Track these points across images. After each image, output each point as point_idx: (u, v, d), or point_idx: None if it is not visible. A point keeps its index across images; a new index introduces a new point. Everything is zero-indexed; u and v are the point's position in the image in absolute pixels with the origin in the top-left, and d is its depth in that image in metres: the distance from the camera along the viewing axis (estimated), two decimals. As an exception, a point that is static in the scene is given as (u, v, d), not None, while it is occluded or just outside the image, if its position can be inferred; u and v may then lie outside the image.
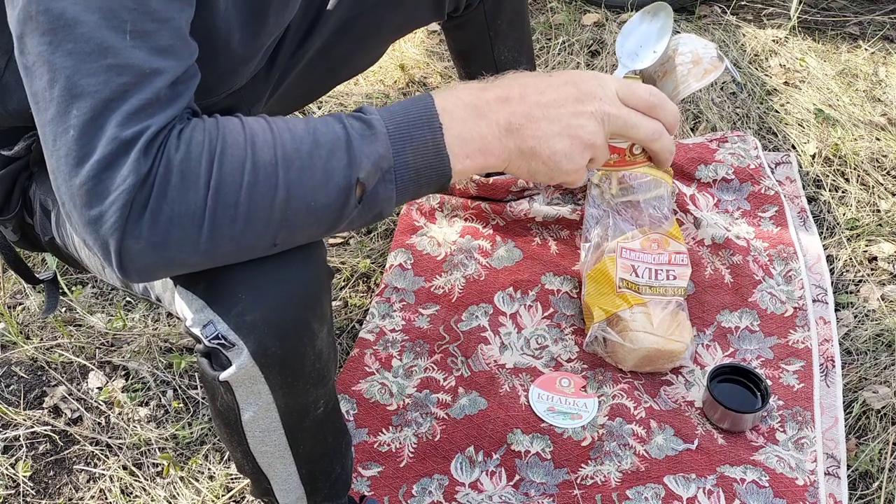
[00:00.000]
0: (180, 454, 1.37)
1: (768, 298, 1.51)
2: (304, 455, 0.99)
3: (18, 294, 1.65)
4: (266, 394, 0.87)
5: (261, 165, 0.72)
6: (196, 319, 0.83)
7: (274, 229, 0.75)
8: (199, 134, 0.72)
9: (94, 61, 0.68)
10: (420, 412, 1.37)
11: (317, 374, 0.90)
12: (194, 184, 0.71)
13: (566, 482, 1.27)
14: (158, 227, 0.71)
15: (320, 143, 0.75)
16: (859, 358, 1.44)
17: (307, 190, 0.74)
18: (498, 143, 0.81)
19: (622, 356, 1.39)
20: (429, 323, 1.51)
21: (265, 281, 0.80)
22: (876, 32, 2.19)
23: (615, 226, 1.48)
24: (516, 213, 1.64)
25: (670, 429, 1.32)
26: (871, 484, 1.27)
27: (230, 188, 0.71)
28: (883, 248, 1.62)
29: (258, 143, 0.73)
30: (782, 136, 1.88)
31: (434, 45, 2.23)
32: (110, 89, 0.69)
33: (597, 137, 0.83)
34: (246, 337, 0.81)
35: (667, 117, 0.87)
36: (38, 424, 1.41)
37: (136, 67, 0.69)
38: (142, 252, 0.72)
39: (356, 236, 1.73)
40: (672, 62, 0.99)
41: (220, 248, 0.74)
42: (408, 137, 0.78)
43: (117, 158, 0.69)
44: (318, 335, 0.86)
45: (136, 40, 0.69)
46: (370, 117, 0.78)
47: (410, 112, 0.79)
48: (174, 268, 0.76)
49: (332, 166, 0.74)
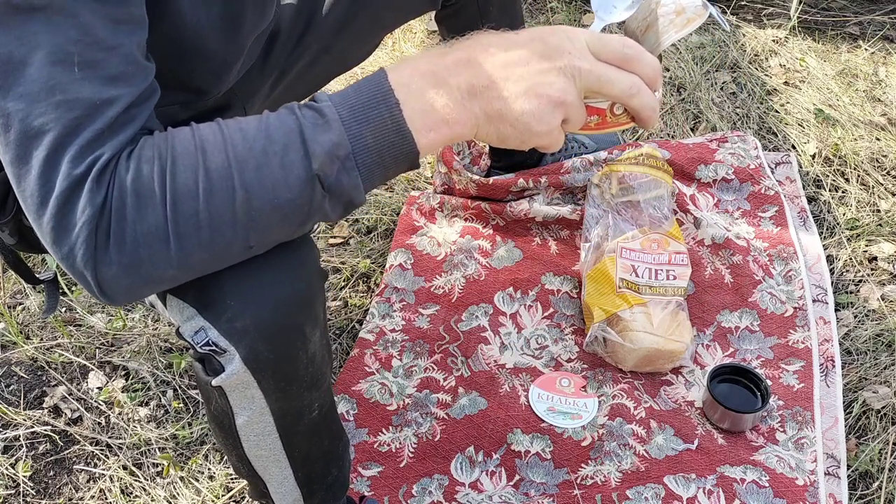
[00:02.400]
0: (180, 454, 1.37)
1: (768, 298, 1.51)
2: (299, 458, 0.98)
3: (18, 294, 1.65)
4: (259, 398, 0.87)
5: (214, 170, 0.71)
6: (187, 326, 0.82)
7: (242, 231, 0.74)
8: (147, 150, 0.71)
9: (45, 100, 0.68)
10: (420, 412, 1.37)
11: (310, 377, 0.89)
12: (150, 199, 0.70)
13: (566, 482, 1.27)
14: (125, 249, 0.71)
15: (274, 139, 0.73)
16: (859, 358, 1.44)
17: (266, 188, 0.72)
18: (462, 109, 0.76)
19: (622, 356, 1.39)
20: (429, 323, 1.51)
21: (254, 286, 0.79)
22: (876, 32, 2.18)
23: (615, 226, 1.48)
24: (516, 213, 1.64)
25: (670, 429, 1.32)
26: (871, 484, 1.27)
27: (187, 197, 0.71)
28: (883, 248, 1.62)
29: (209, 149, 0.72)
30: (782, 136, 1.88)
31: (434, 44, 2.23)
32: (62, 125, 0.69)
33: (567, 94, 0.76)
34: (237, 343, 0.80)
35: (644, 70, 0.79)
36: (38, 424, 1.41)
37: (86, 100, 0.69)
38: (117, 276, 0.72)
39: (356, 236, 1.73)
40: (654, 14, 0.92)
41: (192, 258, 0.73)
42: (363, 119, 0.74)
43: (73, 194, 0.69)
44: (310, 339, 0.85)
45: (85, 71, 0.69)
46: (321, 105, 0.75)
47: (363, 92, 0.75)
48: (154, 285, 0.75)
49: (288, 160, 0.72)
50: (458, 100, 0.76)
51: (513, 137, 0.78)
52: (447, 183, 1.71)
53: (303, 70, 1.28)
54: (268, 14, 1.04)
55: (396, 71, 0.76)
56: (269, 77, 1.24)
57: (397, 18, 1.37)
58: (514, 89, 0.76)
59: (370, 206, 1.77)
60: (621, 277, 1.40)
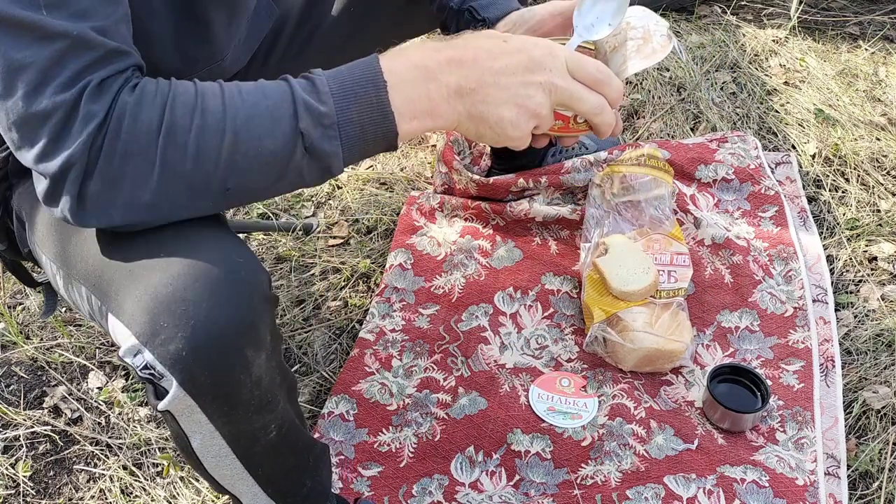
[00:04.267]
0: (180, 454, 1.37)
1: (768, 298, 1.51)
2: (265, 476, 0.96)
3: (18, 294, 1.65)
4: (206, 423, 0.84)
5: (209, 111, 0.77)
6: (126, 349, 0.79)
7: (223, 171, 0.78)
8: (151, 85, 0.77)
9: (23, 37, 0.72)
10: (420, 412, 1.37)
11: (258, 401, 0.86)
12: (147, 125, 0.75)
13: (566, 482, 1.27)
14: (113, 163, 0.75)
15: (267, 95, 0.79)
16: (859, 358, 1.44)
17: (253, 135, 0.77)
18: (447, 105, 0.83)
19: (622, 356, 1.39)
20: (429, 323, 1.51)
21: (189, 309, 0.76)
22: (876, 32, 2.19)
23: (615, 226, 1.48)
24: (516, 213, 1.64)
25: (670, 429, 1.32)
26: (871, 484, 1.27)
27: (180, 129, 0.75)
28: (883, 248, 1.62)
29: (207, 94, 0.78)
30: (782, 136, 1.88)
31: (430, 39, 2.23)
32: (45, 57, 0.73)
33: (543, 108, 0.85)
34: (172, 368, 0.77)
35: (611, 93, 0.89)
36: (38, 424, 1.41)
37: (62, 33, 0.73)
38: (99, 192, 0.76)
39: (356, 236, 1.73)
40: (623, 35, 1.01)
41: (171, 188, 0.77)
42: (351, 95, 0.80)
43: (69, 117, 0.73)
44: (253, 362, 0.82)
45: (52, 11, 0.73)
46: (315, 77, 0.81)
47: (355, 71, 0.81)
48: (130, 210, 0.78)
49: (278, 114, 0.78)
50: (444, 96, 0.83)
51: (488, 137, 0.86)
52: (447, 183, 1.71)
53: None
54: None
55: (390, 58, 0.82)
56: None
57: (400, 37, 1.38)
58: (498, 96, 0.84)
59: (370, 206, 1.77)
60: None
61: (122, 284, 0.81)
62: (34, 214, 0.98)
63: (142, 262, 0.80)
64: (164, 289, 0.77)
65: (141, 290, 0.78)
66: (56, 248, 0.94)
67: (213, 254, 0.80)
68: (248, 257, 0.83)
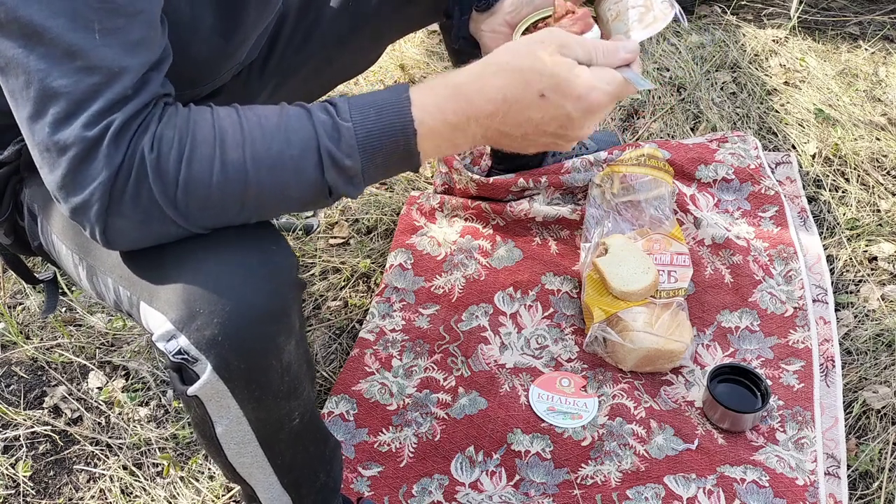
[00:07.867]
0: (180, 454, 1.37)
1: (768, 298, 1.51)
2: (284, 465, 0.97)
3: (18, 294, 1.65)
4: (235, 408, 0.86)
5: (230, 164, 0.77)
6: (160, 334, 0.82)
7: (246, 215, 0.81)
8: (168, 131, 0.76)
9: (66, 64, 0.72)
10: (420, 412, 1.37)
11: (287, 387, 0.88)
12: (166, 177, 0.76)
13: (566, 482, 1.27)
14: (140, 207, 0.76)
15: (291, 143, 0.78)
16: (859, 358, 1.44)
17: (277, 187, 0.79)
18: (469, 145, 0.87)
19: (622, 356, 1.39)
20: (429, 323, 1.51)
21: (225, 295, 0.79)
22: (876, 32, 2.19)
23: (615, 226, 1.48)
24: (516, 213, 1.64)
25: (670, 429, 1.32)
26: (871, 484, 1.27)
27: (200, 184, 0.76)
28: (883, 248, 1.62)
29: (227, 142, 0.77)
30: (782, 136, 1.88)
31: (434, 44, 2.23)
32: (81, 90, 0.72)
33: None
34: (207, 352, 0.80)
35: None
36: (38, 424, 1.41)
37: (105, 67, 0.73)
38: (126, 229, 0.78)
39: (356, 236, 1.73)
40: (624, 4, 1.00)
41: (197, 224, 0.80)
42: (378, 146, 0.81)
43: (90, 155, 0.74)
44: (284, 349, 0.84)
45: (106, 38, 0.73)
46: (340, 122, 0.79)
47: (384, 116, 0.81)
48: (158, 238, 0.81)
49: (303, 165, 0.78)
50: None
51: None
52: (447, 183, 1.71)
53: (303, 79, 1.29)
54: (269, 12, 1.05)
55: (421, 106, 0.82)
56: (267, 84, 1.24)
57: (400, 31, 1.38)
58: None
59: (370, 206, 1.77)
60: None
61: (155, 274, 0.83)
62: (50, 207, 0.98)
63: (174, 251, 0.82)
64: (199, 276, 0.79)
65: (175, 278, 0.80)
66: (79, 238, 0.94)
67: (247, 240, 0.82)
68: (280, 244, 0.85)
